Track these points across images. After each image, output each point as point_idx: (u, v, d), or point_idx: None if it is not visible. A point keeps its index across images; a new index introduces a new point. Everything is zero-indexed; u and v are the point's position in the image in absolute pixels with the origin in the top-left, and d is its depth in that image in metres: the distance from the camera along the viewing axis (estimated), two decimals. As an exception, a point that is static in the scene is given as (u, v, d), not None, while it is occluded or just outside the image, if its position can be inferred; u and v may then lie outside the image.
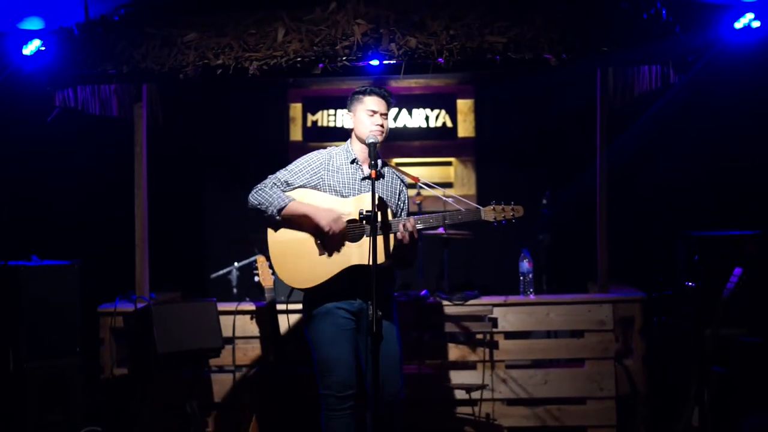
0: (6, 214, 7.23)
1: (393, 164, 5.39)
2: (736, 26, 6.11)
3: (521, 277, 6.52)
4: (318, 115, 8.66)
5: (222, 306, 6.23)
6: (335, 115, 8.62)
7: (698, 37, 6.12)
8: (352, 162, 5.17)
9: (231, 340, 6.31)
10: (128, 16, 6.52)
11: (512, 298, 6.45)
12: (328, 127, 8.64)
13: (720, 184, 7.39)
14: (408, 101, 8.57)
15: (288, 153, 8.65)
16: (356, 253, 4.97)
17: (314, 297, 5.10)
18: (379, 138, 5.07)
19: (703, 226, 6.48)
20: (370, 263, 4.68)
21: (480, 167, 8.65)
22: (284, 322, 6.11)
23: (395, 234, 4.93)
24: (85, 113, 6.59)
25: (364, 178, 5.13)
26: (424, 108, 8.57)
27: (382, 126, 5.11)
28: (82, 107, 6.56)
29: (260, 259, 6.20)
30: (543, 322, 6.45)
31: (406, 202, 5.30)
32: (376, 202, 4.72)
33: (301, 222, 5.04)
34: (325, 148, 8.35)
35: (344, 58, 6.12)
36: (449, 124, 8.64)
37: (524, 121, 8.38)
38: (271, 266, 6.20)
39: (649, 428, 6.32)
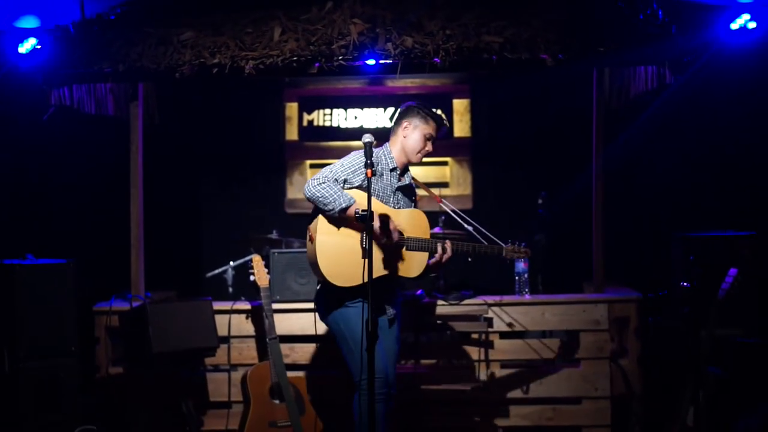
0: (1, 213, 7.22)
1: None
2: (732, 27, 6.10)
3: (517, 277, 6.52)
4: (314, 115, 8.65)
5: (217, 305, 6.24)
6: (331, 114, 8.62)
7: (694, 38, 6.12)
8: (393, 170, 5.27)
9: (226, 340, 6.31)
10: (124, 14, 6.51)
11: (507, 298, 6.46)
12: (324, 127, 8.63)
13: (716, 184, 7.39)
14: (404, 101, 8.52)
15: (284, 152, 8.66)
16: (396, 263, 5.13)
17: (347, 294, 5.11)
18: (420, 162, 5.34)
19: (698, 226, 6.48)
20: (406, 275, 5.17)
21: (476, 167, 8.65)
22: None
23: (433, 252, 5.13)
24: (81, 112, 6.58)
25: (396, 189, 5.26)
26: (420, 108, 8.56)
27: (429, 154, 5.31)
28: (77, 106, 6.55)
29: (256, 259, 6.21)
30: (538, 322, 6.45)
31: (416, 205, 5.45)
32: (371, 201, 4.69)
33: (356, 224, 5.04)
34: (321, 147, 8.55)
35: (340, 57, 6.11)
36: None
37: (520, 121, 8.38)
38: (267, 266, 6.24)
39: (643, 428, 6.33)
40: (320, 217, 5.07)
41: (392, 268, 5.10)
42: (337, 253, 5.07)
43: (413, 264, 5.14)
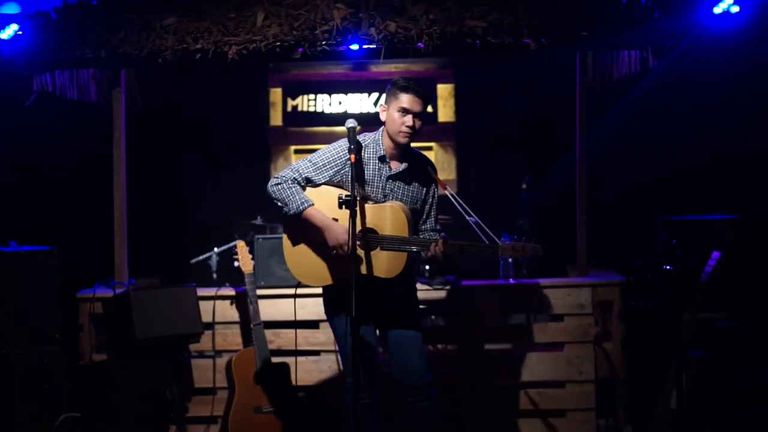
0: (-17, 200, 7.20)
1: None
2: (715, 11, 6.10)
3: (501, 262, 6.53)
4: (298, 100, 8.65)
5: (202, 291, 6.23)
6: (315, 100, 8.61)
7: (677, 22, 6.12)
8: (381, 159, 5.02)
9: (211, 326, 6.31)
10: (106, 0, 6.48)
11: (492, 283, 6.47)
12: (308, 112, 8.63)
13: (699, 168, 7.41)
14: (387, 86, 8.54)
15: (268, 138, 8.66)
16: (370, 263, 4.91)
17: (331, 289, 5.09)
18: (407, 141, 4.96)
19: (682, 210, 6.50)
20: (385, 276, 4.87)
21: (460, 152, 8.67)
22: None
23: (426, 253, 4.86)
24: (64, 98, 6.55)
25: (389, 177, 5.02)
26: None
27: (412, 128, 4.93)
28: (60, 92, 6.52)
29: (240, 245, 6.21)
30: (522, 307, 6.47)
31: (435, 198, 5.17)
32: (355, 186, 4.68)
33: (316, 230, 4.94)
34: (306, 133, 8.54)
35: (324, 42, 6.09)
36: (429, 108, 8.61)
37: (504, 105, 8.38)
38: (251, 252, 6.24)
39: (627, 411, 6.36)
40: (284, 220, 5.08)
41: (365, 270, 4.92)
42: (305, 251, 5.04)
43: (391, 265, 4.89)
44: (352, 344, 4.72)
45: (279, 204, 5.01)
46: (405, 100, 4.93)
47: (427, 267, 6.78)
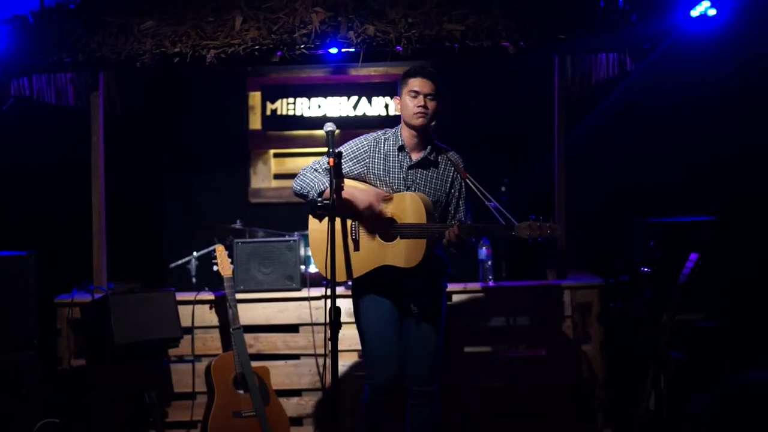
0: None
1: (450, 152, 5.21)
2: (693, 14, 6.13)
3: (480, 264, 6.54)
4: (277, 104, 8.61)
5: (181, 296, 6.21)
6: (294, 103, 8.58)
7: (654, 25, 6.15)
8: (400, 149, 5.03)
9: (190, 330, 6.29)
10: (84, 3, 6.45)
11: (471, 285, 6.47)
12: (287, 116, 8.60)
13: (676, 170, 7.44)
14: (367, 89, 8.56)
15: (247, 142, 8.63)
16: (390, 253, 4.90)
17: (357, 288, 5.09)
18: (422, 121, 4.95)
19: (660, 212, 6.53)
20: (404, 266, 4.84)
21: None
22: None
23: (441, 239, 4.82)
24: (41, 102, 6.53)
25: (410, 167, 5.01)
26: (384, 96, 8.54)
27: (425, 107, 4.92)
28: (37, 96, 6.50)
29: (219, 249, 6.20)
30: (502, 309, 6.48)
31: (463, 191, 5.12)
32: (342, 185, 4.69)
33: (342, 207, 4.79)
34: (285, 137, 8.52)
35: (302, 46, 6.09)
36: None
37: (483, 108, 8.39)
38: (230, 256, 6.23)
39: (607, 413, 6.37)
40: (309, 217, 5.03)
41: (387, 260, 4.90)
42: (325, 248, 4.96)
43: (410, 253, 4.85)
44: (366, 337, 4.97)
45: (303, 193, 4.98)
46: (413, 83, 4.95)
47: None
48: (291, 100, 8.60)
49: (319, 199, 4.81)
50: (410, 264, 4.85)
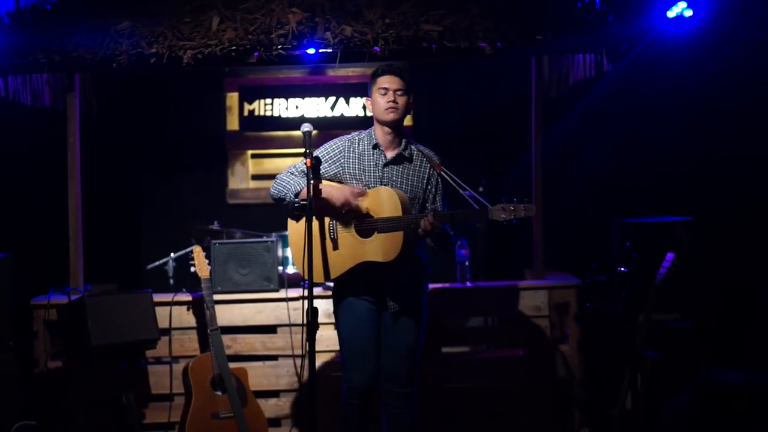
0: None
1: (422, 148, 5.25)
2: (669, 15, 6.15)
3: (458, 265, 6.55)
4: (255, 104, 8.62)
5: (158, 297, 6.19)
6: (272, 104, 8.58)
7: (631, 26, 6.17)
8: (374, 147, 5.07)
9: (167, 331, 6.27)
10: (60, 4, 6.41)
11: (449, 286, 6.49)
12: (264, 116, 8.60)
13: (653, 171, 7.48)
14: (345, 90, 8.57)
15: (225, 142, 8.62)
16: (368, 248, 4.90)
17: (336, 290, 5.11)
18: (393, 116, 5.00)
19: (636, 212, 6.56)
20: (383, 260, 4.84)
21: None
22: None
23: (417, 230, 4.81)
24: (17, 103, 6.49)
25: (386, 164, 5.05)
26: (362, 96, 8.54)
27: (395, 103, 4.99)
28: (13, 97, 6.45)
29: (196, 250, 6.19)
30: (479, 309, 6.49)
31: (439, 186, 5.15)
32: (311, 188, 4.70)
33: (318, 208, 4.86)
34: (263, 137, 8.52)
35: (279, 46, 6.08)
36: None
37: (461, 109, 8.42)
38: (208, 257, 6.21)
39: (584, 412, 6.39)
40: (288, 220, 5.09)
41: (366, 256, 4.91)
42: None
43: (388, 247, 4.84)
44: (343, 339, 5.02)
45: (280, 198, 5.01)
46: (382, 80, 5.03)
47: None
48: (269, 100, 8.60)
49: (296, 199, 4.85)
50: (389, 257, 4.85)
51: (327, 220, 4.97)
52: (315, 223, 4.89)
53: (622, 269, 5.94)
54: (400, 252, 4.83)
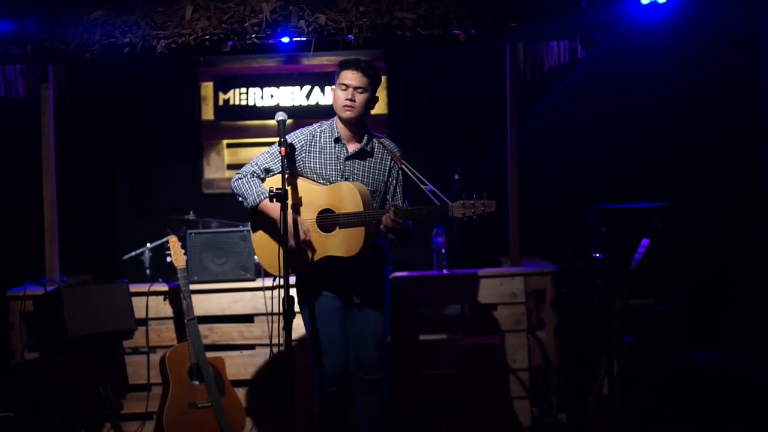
0: None
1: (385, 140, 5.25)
2: (643, 1, 6.16)
3: (434, 253, 6.55)
4: (230, 94, 8.58)
5: (134, 287, 6.18)
6: (247, 93, 8.55)
7: (605, 12, 6.20)
8: (336, 141, 5.06)
9: (144, 322, 6.26)
10: (33, -6, 6.39)
11: (425, 274, 6.50)
12: (240, 106, 8.57)
13: (628, 157, 7.50)
14: (320, 79, 8.54)
15: (200, 132, 8.59)
16: (330, 244, 4.93)
17: (300, 284, 5.14)
18: (349, 114, 4.98)
19: (611, 199, 6.58)
20: (345, 255, 4.88)
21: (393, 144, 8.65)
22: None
23: (378, 225, 4.85)
24: (-10, 94, 6.47)
25: (347, 158, 5.05)
26: (337, 85, 8.52)
27: (352, 101, 4.95)
28: (-14, 89, 6.44)
29: (172, 240, 6.17)
30: (456, 297, 6.50)
31: (400, 179, 5.15)
32: (286, 177, 4.77)
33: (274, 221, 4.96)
34: (238, 127, 8.49)
35: (253, 35, 6.08)
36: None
37: (437, 97, 8.41)
38: (184, 247, 6.20)
39: (561, 399, 6.42)
40: (251, 215, 5.14)
41: (329, 250, 4.94)
42: (269, 244, 5.09)
43: (350, 242, 4.88)
44: (311, 331, 5.04)
45: (240, 198, 5.09)
46: (345, 75, 5.00)
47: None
48: (243, 90, 8.57)
49: (269, 193, 4.79)
50: (351, 252, 4.89)
51: (290, 215, 4.98)
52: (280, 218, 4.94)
53: (598, 255, 5.96)
54: (362, 247, 4.88)
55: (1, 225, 7.27)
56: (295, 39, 6.09)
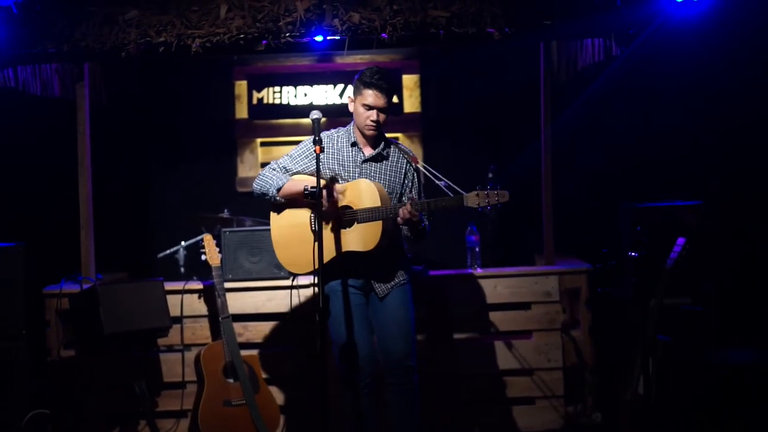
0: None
1: (400, 143, 5.39)
2: (678, -1, 6.14)
3: (468, 251, 6.55)
4: (263, 93, 8.62)
5: (169, 285, 6.20)
6: (281, 92, 8.58)
7: (639, 10, 6.16)
8: (353, 145, 5.17)
9: (179, 320, 6.28)
10: (68, -7, 6.43)
11: (459, 272, 6.49)
12: (273, 104, 8.60)
13: (662, 155, 7.45)
14: (353, 77, 8.52)
15: (234, 131, 8.62)
16: (351, 239, 5.01)
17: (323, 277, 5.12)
18: (373, 134, 5.12)
19: (646, 197, 6.54)
20: (363, 249, 4.95)
21: (426, 142, 8.66)
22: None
23: (396, 219, 4.93)
24: (27, 93, 6.51)
25: (364, 161, 5.15)
26: (370, 84, 8.51)
27: (375, 122, 5.08)
28: (23, 87, 6.48)
29: (207, 238, 6.20)
30: (490, 295, 6.49)
31: (415, 180, 5.26)
32: (321, 179, 4.80)
33: (298, 202, 5.05)
34: (271, 125, 8.52)
35: (287, 34, 6.08)
36: (395, 99, 8.60)
37: (470, 95, 8.39)
38: (218, 245, 6.22)
39: (595, 398, 6.39)
40: (270, 214, 5.23)
41: (347, 245, 5.01)
42: (288, 242, 5.16)
43: (368, 237, 4.96)
44: (335, 326, 5.06)
45: (262, 193, 5.18)
46: (368, 96, 5.08)
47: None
48: (277, 88, 8.60)
49: (278, 195, 5.02)
50: (368, 247, 4.97)
51: (308, 212, 5.06)
52: (298, 214, 5.12)
53: (633, 254, 5.93)
54: (380, 241, 4.95)
55: (38, 223, 7.32)
56: (328, 38, 6.09)
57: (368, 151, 5.18)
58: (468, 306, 6.50)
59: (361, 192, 5.01)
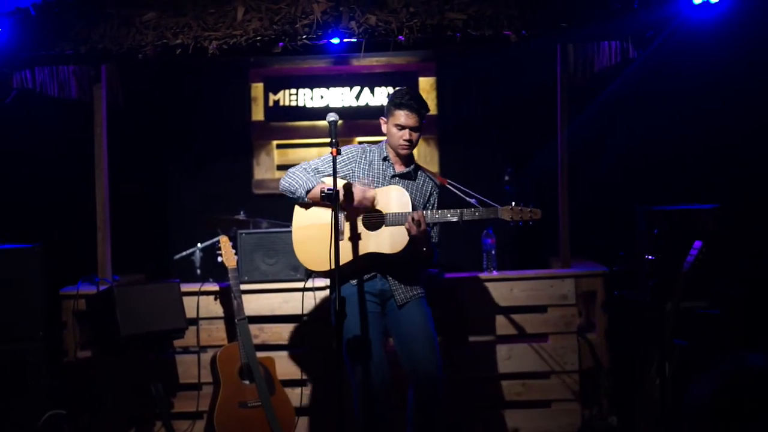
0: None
1: (429, 170, 5.50)
2: (695, 1, 6.11)
3: (484, 254, 6.54)
4: (280, 95, 8.62)
5: (185, 287, 6.21)
6: (297, 94, 8.58)
7: (656, 12, 6.14)
8: (384, 159, 5.26)
9: (195, 321, 6.30)
10: (85, -5, 6.45)
11: (475, 275, 6.48)
12: (290, 107, 8.60)
13: (679, 158, 7.43)
14: (370, 79, 8.55)
15: (250, 133, 8.63)
16: (374, 241, 5.07)
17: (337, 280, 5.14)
18: (406, 152, 5.21)
19: (662, 200, 6.53)
20: (389, 252, 5.02)
21: (442, 145, 8.65)
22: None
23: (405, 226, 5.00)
24: (44, 95, 6.53)
25: (393, 176, 5.24)
26: (386, 86, 8.52)
27: (409, 142, 5.17)
28: (40, 89, 6.50)
29: (223, 240, 6.20)
30: (506, 298, 6.48)
31: (435, 204, 5.34)
32: (337, 180, 4.81)
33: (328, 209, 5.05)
34: (288, 127, 8.53)
35: (304, 36, 6.09)
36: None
37: (486, 97, 8.38)
38: (234, 247, 6.23)
39: (612, 401, 6.38)
40: (295, 208, 5.25)
41: (371, 247, 5.06)
42: (310, 241, 5.17)
43: (395, 240, 5.03)
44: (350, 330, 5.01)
45: (291, 190, 5.19)
46: (400, 116, 5.15)
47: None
48: (293, 91, 8.60)
49: (306, 197, 5.08)
50: (395, 250, 5.04)
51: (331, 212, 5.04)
52: (324, 215, 5.12)
53: (650, 257, 5.92)
54: (407, 245, 5.02)
55: (55, 224, 7.35)
56: (345, 40, 6.10)
57: (399, 168, 5.27)
58: (484, 308, 6.49)
59: (391, 197, 5.11)
